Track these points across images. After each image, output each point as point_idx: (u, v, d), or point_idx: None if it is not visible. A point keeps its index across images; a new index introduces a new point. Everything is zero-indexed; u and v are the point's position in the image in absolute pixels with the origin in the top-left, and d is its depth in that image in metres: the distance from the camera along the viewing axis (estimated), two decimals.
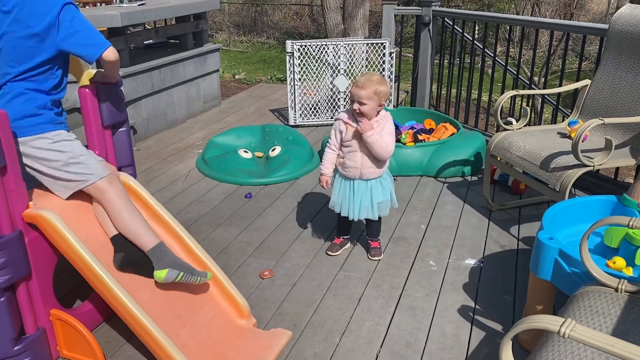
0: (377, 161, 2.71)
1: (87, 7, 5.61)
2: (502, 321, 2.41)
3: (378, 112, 2.66)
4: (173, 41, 5.83)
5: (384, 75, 5.14)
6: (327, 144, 2.79)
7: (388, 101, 5.23)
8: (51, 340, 2.15)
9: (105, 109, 2.31)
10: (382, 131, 2.67)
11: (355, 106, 2.60)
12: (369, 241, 2.99)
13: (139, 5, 4.93)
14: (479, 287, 2.67)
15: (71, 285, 2.60)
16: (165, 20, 5.96)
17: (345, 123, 2.69)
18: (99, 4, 5.81)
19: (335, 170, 2.82)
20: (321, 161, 2.81)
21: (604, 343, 1.13)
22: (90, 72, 2.33)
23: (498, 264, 2.88)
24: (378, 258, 2.94)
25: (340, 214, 2.84)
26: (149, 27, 5.98)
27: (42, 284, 2.06)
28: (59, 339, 2.16)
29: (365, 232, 3.04)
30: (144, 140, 4.90)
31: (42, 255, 2.04)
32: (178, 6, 5.14)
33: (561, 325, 1.17)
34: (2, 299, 1.92)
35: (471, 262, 2.89)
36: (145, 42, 5.49)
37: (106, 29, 4.63)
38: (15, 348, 1.99)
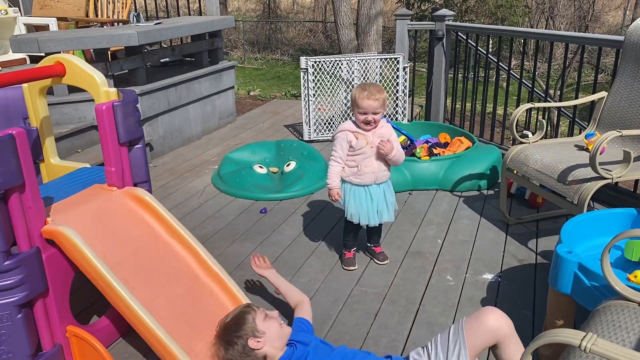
0: (388, 164, 2.82)
1: (104, 26, 5.71)
2: (521, 337, 2.35)
3: None
4: (189, 59, 5.91)
5: (398, 90, 5.14)
6: (332, 157, 2.81)
7: (402, 115, 5.24)
8: (67, 357, 2.15)
9: (122, 126, 2.33)
10: (397, 141, 2.80)
11: (370, 117, 2.67)
12: (374, 248, 3.04)
13: (156, 24, 5.01)
14: (497, 302, 2.63)
15: (87, 302, 2.61)
16: (181, 38, 6.04)
17: (354, 132, 2.73)
18: (116, 24, 5.91)
19: (344, 182, 2.83)
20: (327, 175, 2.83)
21: (627, 358, 1.11)
22: (107, 90, 2.37)
23: (516, 278, 2.84)
24: (387, 261, 2.99)
25: (358, 224, 2.86)
26: (165, 46, 6.07)
27: (58, 301, 2.07)
28: (75, 355, 2.16)
29: (367, 241, 3.07)
30: (161, 156, 4.94)
31: (59, 272, 2.06)
32: (193, 25, 5.21)
33: (582, 339, 1.15)
34: (19, 316, 1.93)
35: (489, 276, 2.86)
36: (161, 60, 5.56)
37: (123, 47, 4.71)
38: None
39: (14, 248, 1.93)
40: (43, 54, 4.09)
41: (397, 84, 5.13)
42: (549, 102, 4.82)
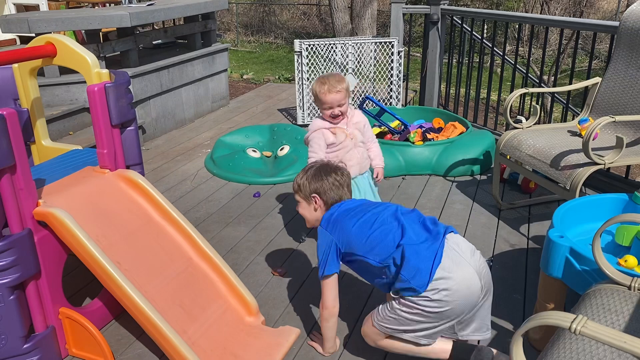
0: (366, 151, 2.84)
1: (96, 7, 5.64)
2: (512, 320, 2.39)
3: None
4: (181, 41, 5.85)
5: (392, 74, 5.12)
6: (311, 158, 2.69)
7: (396, 100, 5.22)
8: (60, 339, 2.16)
9: (114, 107, 2.31)
10: (366, 131, 2.80)
11: (337, 110, 2.64)
12: None
13: (148, 5, 4.95)
14: None
15: (80, 284, 2.61)
16: (173, 20, 5.98)
17: (330, 129, 2.72)
18: (108, 4, 5.84)
19: None
20: None
21: (615, 340, 1.12)
22: (99, 71, 2.34)
23: (508, 263, 2.86)
24: None
25: None
26: (158, 27, 6.01)
27: (51, 282, 2.06)
28: (68, 337, 2.17)
29: None
30: (153, 139, 4.91)
31: (51, 254, 2.05)
32: (186, 6, 5.15)
33: (572, 322, 1.16)
34: (11, 297, 1.93)
35: None
36: (154, 42, 5.51)
37: (115, 29, 4.66)
38: (25, 346, 2.00)
39: (6, 230, 1.92)
40: (33, 35, 4.04)
41: (392, 69, 5.11)
42: (543, 87, 4.82)
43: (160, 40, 5.54)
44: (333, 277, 2.04)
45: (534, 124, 3.26)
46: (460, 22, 5.02)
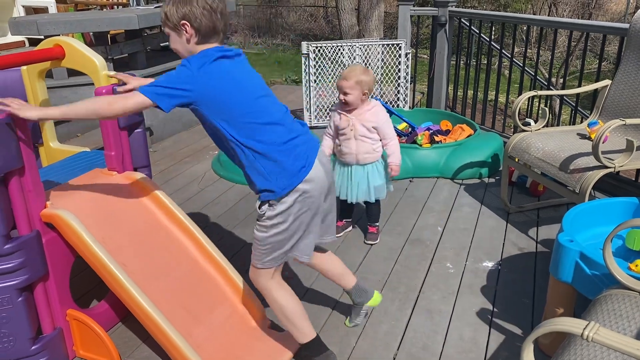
0: (372, 147, 2.86)
1: (104, 9, 5.66)
2: (520, 325, 2.37)
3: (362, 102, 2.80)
4: None
5: (399, 76, 5.11)
6: (325, 130, 2.97)
7: (404, 102, 5.21)
8: (68, 340, 2.16)
9: None
10: (387, 127, 2.84)
11: (341, 97, 2.75)
12: (368, 225, 3.11)
13: (156, 7, 4.96)
14: (497, 290, 2.63)
15: (88, 286, 2.61)
16: None
17: (340, 112, 2.84)
18: (115, 7, 5.86)
19: (335, 157, 2.96)
20: None
21: (629, 347, 1.10)
22: (107, 73, 2.35)
23: (516, 266, 2.84)
24: (372, 242, 3.05)
25: (340, 197, 2.96)
26: None
27: (59, 284, 2.07)
28: (76, 339, 2.17)
29: (366, 218, 3.14)
30: (161, 141, 4.92)
31: (59, 256, 2.05)
32: None
33: (584, 328, 1.14)
34: (19, 299, 1.93)
35: (489, 264, 2.86)
36: (161, 44, 5.52)
37: (123, 31, 4.67)
38: (33, 347, 2.01)
39: (14, 232, 1.93)
40: (42, 37, 4.05)
41: (399, 71, 5.10)
42: (552, 90, 4.79)
43: (168, 43, 5.55)
44: (147, 102, 1.80)
45: (543, 127, 3.23)
46: (468, 24, 5.01)
